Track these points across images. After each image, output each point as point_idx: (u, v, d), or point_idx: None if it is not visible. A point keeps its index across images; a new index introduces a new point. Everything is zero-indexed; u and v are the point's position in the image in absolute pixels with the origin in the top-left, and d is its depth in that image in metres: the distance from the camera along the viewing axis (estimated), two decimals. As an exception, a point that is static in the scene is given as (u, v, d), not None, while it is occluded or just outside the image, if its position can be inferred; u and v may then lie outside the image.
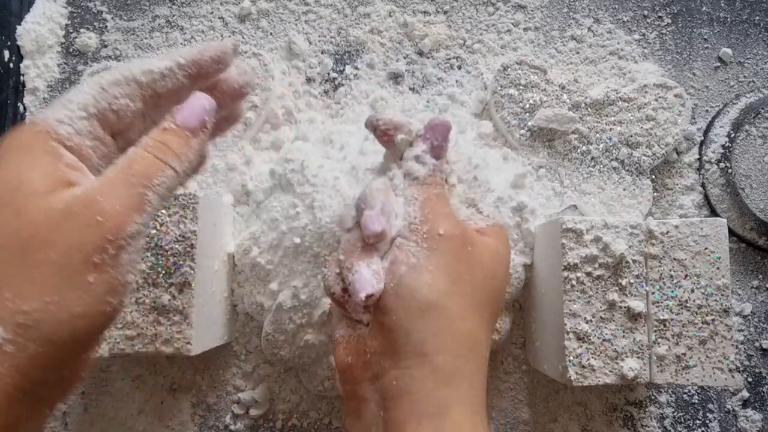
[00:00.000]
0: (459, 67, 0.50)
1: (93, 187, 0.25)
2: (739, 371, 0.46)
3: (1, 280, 0.23)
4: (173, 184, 0.27)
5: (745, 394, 0.46)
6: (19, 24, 0.49)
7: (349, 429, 0.33)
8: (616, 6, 0.51)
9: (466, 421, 0.29)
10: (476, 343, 0.31)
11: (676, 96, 0.47)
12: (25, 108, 0.49)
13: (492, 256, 0.34)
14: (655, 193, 0.47)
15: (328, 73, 0.49)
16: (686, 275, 0.37)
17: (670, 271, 0.37)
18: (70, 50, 0.50)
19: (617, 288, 0.37)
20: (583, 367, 0.36)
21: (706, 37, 0.50)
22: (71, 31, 0.50)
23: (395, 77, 0.49)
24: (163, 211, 0.39)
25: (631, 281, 0.37)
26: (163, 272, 0.38)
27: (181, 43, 0.50)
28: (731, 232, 0.47)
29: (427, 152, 0.34)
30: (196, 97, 0.29)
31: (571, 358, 0.36)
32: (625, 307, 0.37)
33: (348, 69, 0.49)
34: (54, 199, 0.25)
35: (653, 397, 0.45)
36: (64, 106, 0.27)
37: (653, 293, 0.37)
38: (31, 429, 0.26)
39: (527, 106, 0.46)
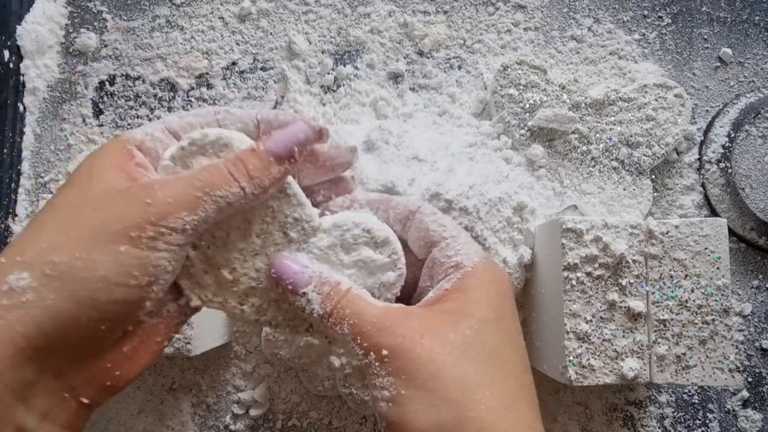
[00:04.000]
0: (459, 67, 0.50)
1: (156, 180, 0.28)
2: (739, 371, 0.46)
3: (48, 232, 0.26)
4: (236, 201, 0.28)
5: (745, 394, 0.46)
6: (19, 24, 0.49)
7: None
8: (616, 6, 0.51)
9: None
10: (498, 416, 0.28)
11: (676, 96, 0.47)
12: (25, 108, 0.49)
13: (459, 317, 0.30)
14: (655, 193, 0.47)
15: (328, 73, 0.49)
16: (686, 275, 0.37)
17: (670, 271, 0.37)
18: (70, 50, 0.50)
19: (617, 288, 0.37)
20: (583, 367, 0.36)
21: (706, 37, 0.50)
22: (71, 31, 0.50)
23: (395, 77, 0.49)
24: None
25: (631, 281, 0.37)
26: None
27: (181, 43, 0.50)
28: (731, 232, 0.47)
29: (296, 295, 0.30)
30: (294, 126, 0.30)
31: (571, 358, 0.36)
32: (625, 307, 0.37)
33: (348, 69, 0.49)
34: (118, 184, 0.27)
35: (653, 397, 0.45)
36: (150, 124, 0.31)
37: (653, 293, 0.37)
38: (50, 413, 0.26)
39: (527, 106, 0.46)
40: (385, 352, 0.28)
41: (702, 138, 0.49)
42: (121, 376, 0.28)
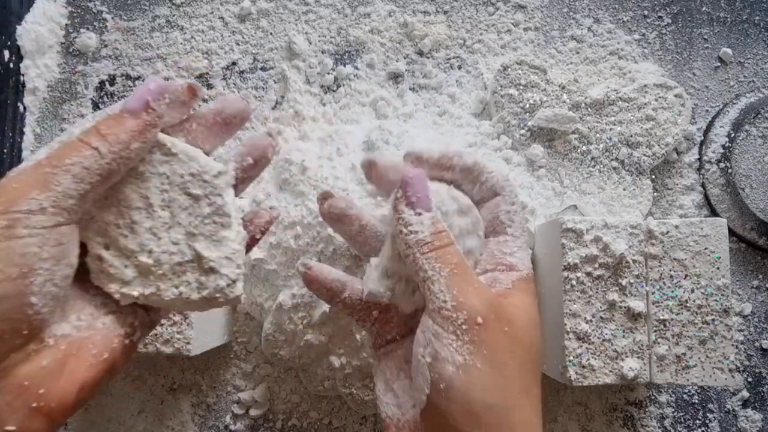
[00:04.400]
0: (459, 67, 0.50)
1: (9, 173, 0.26)
2: (739, 371, 0.46)
3: None
4: (94, 164, 0.26)
5: (745, 394, 0.46)
6: (19, 24, 0.49)
7: None
8: (616, 6, 0.51)
9: None
10: (531, 427, 0.29)
11: (676, 96, 0.47)
12: (25, 108, 0.49)
13: (527, 324, 0.30)
14: (655, 193, 0.47)
15: (328, 73, 0.49)
16: (686, 275, 0.37)
17: (670, 271, 0.37)
18: (70, 50, 0.50)
19: (617, 288, 0.37)
20: (583, 367, 0.36)
21: (706, 37, 0.50)
22: (71, 31, 0.50)
23: (395, 77, 0.49)
24: None
25: (631, 281, 0.37)
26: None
27: (181, 43, 0.50)
28: (731, 232, 0.47)
29: (417, 210, 0.31)
30: (146, 80, 0.29)
31: (571, 358, 0.36)
32: (625, 307, 0.37)
33: (348, 69, 0.49)
34: None
35: (653, 397, 0.45)
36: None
37: (653, 293, 0.37)
38: None
39: (527, 106, 0.46)
40: (480, 320, 0.29)
41: (702, 138, 0.49)
42: (48, 394, 0.26)
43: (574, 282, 0.37)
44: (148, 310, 0.31)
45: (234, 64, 0.50)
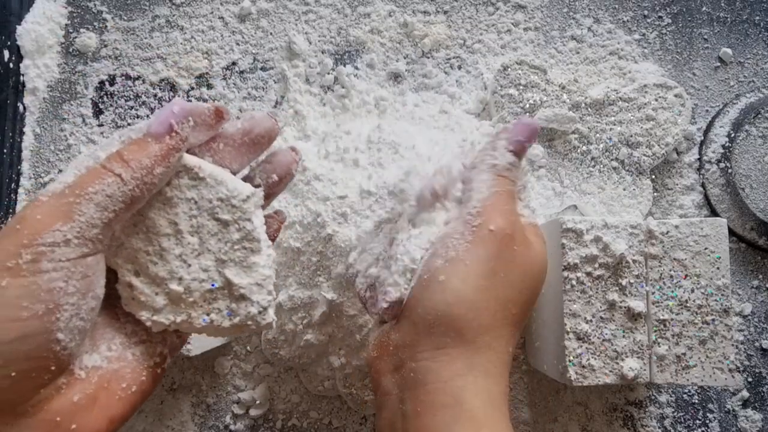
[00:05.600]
0: (459, 67, 0.50)
1: (29, 204, 0.26)
2: (739, 371, 0.46)
3: None
4: (116, 191, 0.26)
5: (745, 394, 0.46)
6: (19, 24, 0.49)
7: (377, 423, 0.32)
8: (616, 6, 0.51)
9: (480, 410, 0.29)
10: (497, 337, 0.31)
11: (676, 96, 0.47)
12: (25, 108, 0.49)
13: (536, 259, 0.33)
14: (655, 193, 0.47)
15: (328, 73, 0.49)
16: (686, 275, 0.37)
17: (670, 271, 0.37)
18: (70, 50, 0.50)
19: (617, 288, 0.37)
20: (583, 367, 0.36)
21: (706, 37, 0.50)
22: (71, 31, 0.50)
23: (395, 77, 0.49)
24: None
25: (631, 281, 0.37)
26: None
27: (181, 43, 0.50)
28: (731, 232, 0.47)
29: (512, 147, 0.33)
30: (170, 103, 0.28)
31: (571, 358, 0.36)
32: (625, 307, 0.37)
33: (348, 69, 0.49)
34: None
35: (653, 397, 0.45)
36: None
37: (653, 293, 0.37)
38: None
39: (527, 106, 0.46)
40: (492, 227, 0.31)
41: (702, 138, 0.49)
42: (80, 430, 0.25)
43: (574, 282, 0.37)
44: (178, 335, 0.31)
45: (234, 64, 0.50)
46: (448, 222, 0.33)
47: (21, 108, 0.49)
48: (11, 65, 0.49)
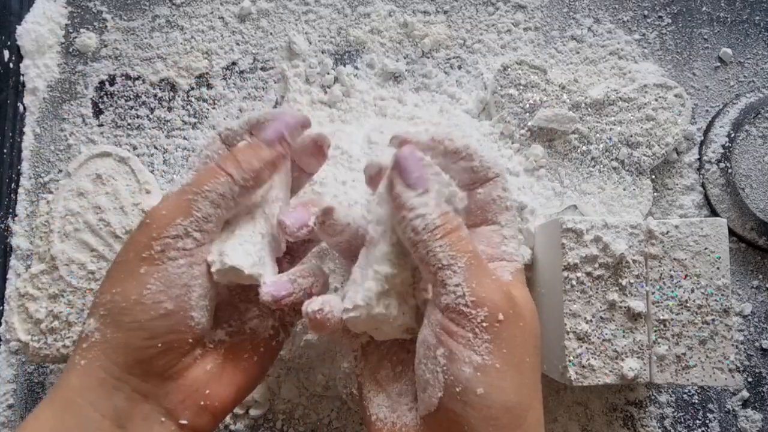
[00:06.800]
0: (459, 67, 0.50)
1: (160, 200, 0.30)
2: (739, 371, 0.46)
3: (102, 282, 0.30)
4: (228, 190, 0.29)
5: (745, 394, 0.46)
6: (19, 24, 0.49)
7: None
8: (616, 6, 0.51)
9: None
10: (541, 424, 0.28)
11: (676, 96, 0.47)
12: (25, 108, 0.49)
13: (533, 317, 0.29)
14: (655, 193, 0.47)
15: (328, 73, 0.49)
16: (686, 275, 0.37)
17: (670, 271, 0.37)
18: (70, 50, 0.50)
19: (617, 288, 0.37)
20: (583, 367, 0.36)
21: (706, 37, 0.50)
22: (71, 31, 0.50)
23: (395, 77, 0.49)
24: None
25: (631, 281, 0.37)
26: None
27: (181, 43, 0.50)
28: (731, 232, 0.47)
29: (419, 189, 0.28)
30: (283, 113, 0.32)
31: (571, 358, 0.36)
32: (625, 307, 0.37)
33: (348, 69, 0.49)
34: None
35: (653, 397, 0.45)
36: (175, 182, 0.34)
37: (653, 293, 0.37)
38: None
39: (527, 106, 0.46)
40: (501, 317, 0.27)
41: (702, 138, 0.49)
42: (213, 395, 0.30)
43: (574, 282, 0.37)
44: (294, 308, 0.32)
45: (234, 64, 0.50)
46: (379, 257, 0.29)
47: (21, 108, 0.49)
48: (11, 65, 0.49)
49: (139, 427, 0.29)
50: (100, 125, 0.49)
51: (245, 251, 0.30)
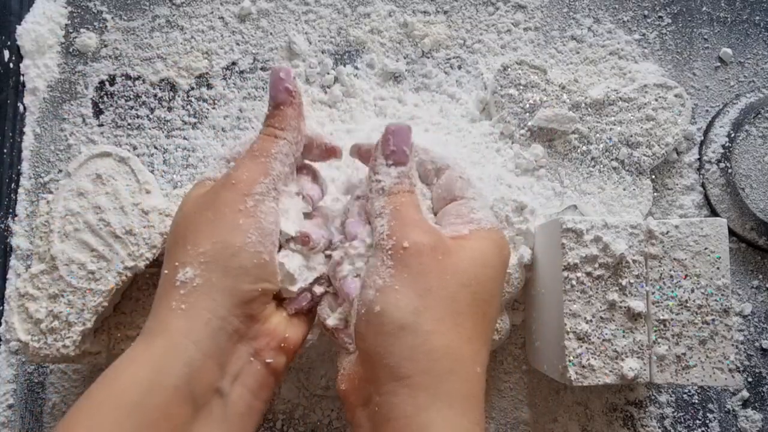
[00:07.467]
0: (459, 67, 0.50)
1: (231, 168, 0.34)
2: (739, 371, 0.46)
3: (183, 240, 0.32)
4: (289, 150, 0.34)
5: (745, 394, 0.46)
6: (19, 24, 0.49)
7: None
8: (616, 6, 0.51)
9: None
10: (457, 359, 0.29)
11: (676, 96, 0.47)
12: (25, 108, 0.49)
13: (472, 261, 0.31)
14: (655, 193, 0.47)
15: (328, 73, 0.49)
16: (686, 275, 0.37)
17: (670, 271, 0.37)
18: (70, 50, 0.50)
19: (617, 288, 0.37)
20: (583, 367, 0.36)
21: (706, 37, 0.50)
22: (71, 31, 0.50)
23: (395, 77, 0.49)
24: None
25: (631, 281, 0.37)
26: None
27: (181, 43, 0.50)
28: (731, 232, 0.47)
29: (390, 161, 0.34)
30: (273, 74, 0.35)
31: (571, 358, 0.36)
32: (625, 307, 0.37)
33: (348, 69, 0.49)
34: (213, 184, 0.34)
35: (653, 397, 0.45)
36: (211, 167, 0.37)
37: (653, 293, 0.37)
38: (240, 376, 0.32)
39: (527, 106, 0.46)
40: (406, 244, 0.31)
41: (702, 138, 0.49)
42: (289, 338, 0.34)
43: (574, 282, 0.37)
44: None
45: (234, 64, 0.50)
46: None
47: (21, 108, 0.49)
48: (11, 65, 0.49)
49: (234, 365, 0.31)
50: (100, 125, 0.49)
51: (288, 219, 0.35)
